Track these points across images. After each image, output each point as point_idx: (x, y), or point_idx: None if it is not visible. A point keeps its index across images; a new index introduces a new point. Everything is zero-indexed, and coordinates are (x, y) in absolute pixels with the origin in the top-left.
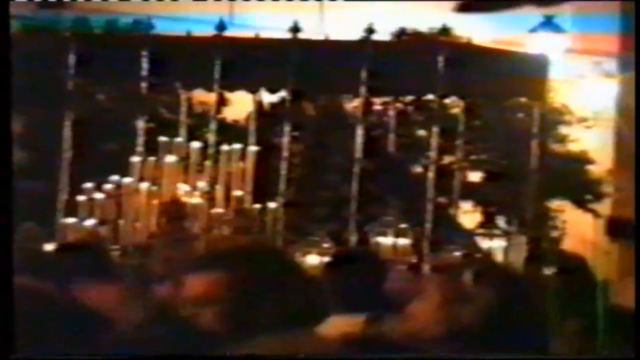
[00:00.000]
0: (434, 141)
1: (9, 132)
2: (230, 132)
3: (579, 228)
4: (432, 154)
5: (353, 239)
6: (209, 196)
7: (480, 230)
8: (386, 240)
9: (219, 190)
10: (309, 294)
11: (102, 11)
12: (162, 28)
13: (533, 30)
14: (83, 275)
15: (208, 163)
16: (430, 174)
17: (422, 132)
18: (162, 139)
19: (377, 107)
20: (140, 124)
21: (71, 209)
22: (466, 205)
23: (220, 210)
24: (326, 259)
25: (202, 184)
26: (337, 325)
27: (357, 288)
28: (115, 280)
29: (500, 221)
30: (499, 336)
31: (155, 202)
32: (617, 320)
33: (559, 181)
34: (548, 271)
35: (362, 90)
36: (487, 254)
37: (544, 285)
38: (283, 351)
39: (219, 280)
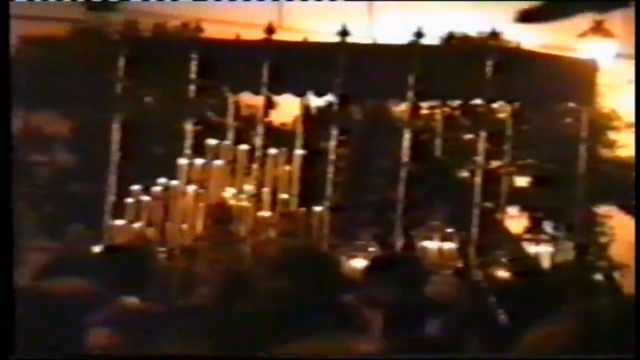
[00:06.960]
0: (481, 146)
1: (9, 132)
2: (277, 135)
3: (626, 234)
4: (479, 158)
5: (399, 243)
6: (256, 199)
7: (527, 236)
8: (432, 245)
9: (266, 194)
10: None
11: (151, 14)
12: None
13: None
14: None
15: (255, 166)
16: (477, 179)
17: (469, 137)
18: (210, 141)
19: (425, 112)
20: (188, 127)
21: (119, 211)
22: (513, 211)
23: (266, 213)
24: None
25: (248, 187)
26: None
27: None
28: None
29: (547, 226)
30: None
31: (202, 205)
32: None
33: (607, 187)
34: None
35: (410, 94)
36: (533, 259)
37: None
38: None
39: None
